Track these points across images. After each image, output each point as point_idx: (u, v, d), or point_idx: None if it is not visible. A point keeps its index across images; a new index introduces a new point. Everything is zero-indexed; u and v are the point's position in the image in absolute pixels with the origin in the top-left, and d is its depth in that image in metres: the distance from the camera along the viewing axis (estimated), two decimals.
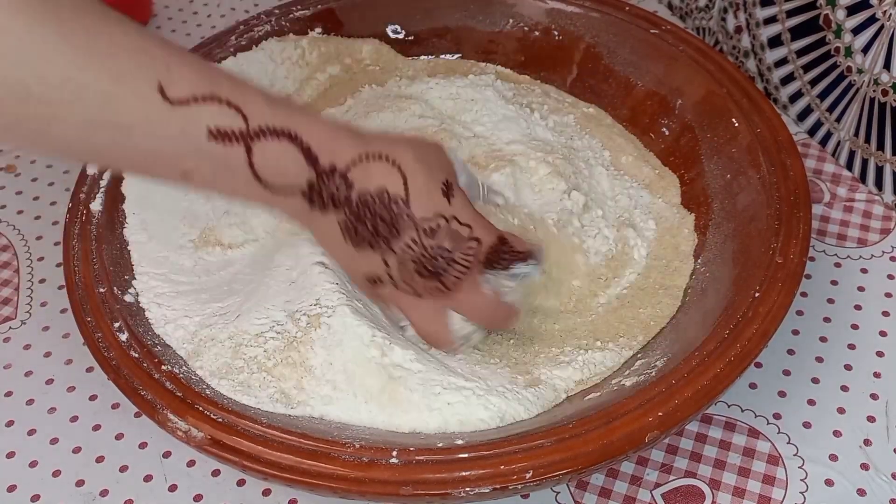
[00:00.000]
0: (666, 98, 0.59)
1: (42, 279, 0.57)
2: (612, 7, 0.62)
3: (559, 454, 0.39)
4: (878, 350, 0.51)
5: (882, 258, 0.56)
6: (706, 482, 0.46)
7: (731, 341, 0.42)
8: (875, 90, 0.56)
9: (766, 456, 0.46)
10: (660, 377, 0.42)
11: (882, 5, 0.54)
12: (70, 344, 0.53)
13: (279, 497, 0.46)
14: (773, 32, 0.63)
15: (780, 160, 0.51)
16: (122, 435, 0.49)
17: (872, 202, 0.59)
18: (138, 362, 0.43)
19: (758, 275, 0.45)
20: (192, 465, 0.47)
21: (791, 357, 0.51)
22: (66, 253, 0.49)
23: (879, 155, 0.58)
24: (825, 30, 0.59)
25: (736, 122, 0.54)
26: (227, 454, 0.40)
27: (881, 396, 0.49)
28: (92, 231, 0.50)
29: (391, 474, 0.39)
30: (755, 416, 0.48)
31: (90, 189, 0.52)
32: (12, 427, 0.49)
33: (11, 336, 0.54)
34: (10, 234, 0.60)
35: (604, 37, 0.62)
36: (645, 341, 0.47)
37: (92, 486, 0.47)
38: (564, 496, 0.45)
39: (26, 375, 0.52)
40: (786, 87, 0.64)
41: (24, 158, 0.65)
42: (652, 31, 0.60)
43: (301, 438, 0.40)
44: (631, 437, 0.39)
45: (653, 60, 0.59)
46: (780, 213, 0.48)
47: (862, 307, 0.53)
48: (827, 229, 0.57)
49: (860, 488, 0.45)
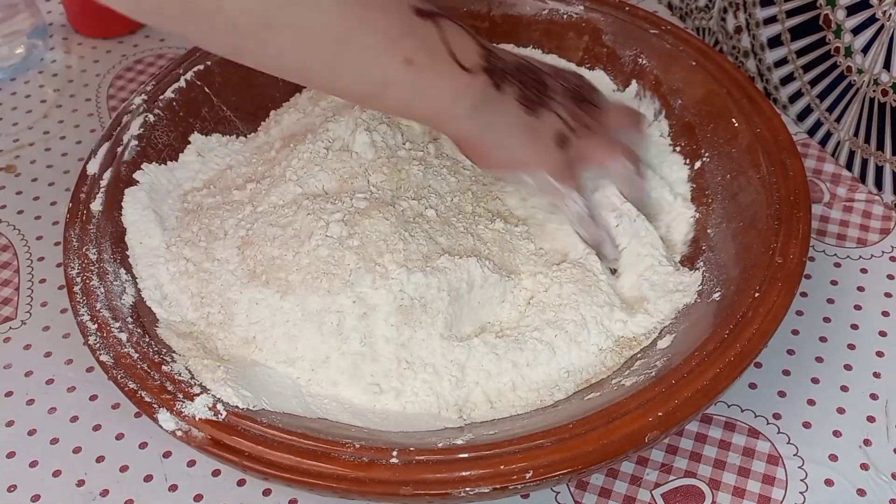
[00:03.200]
0: (666, 98, 0.59)
1: (42, 279, 0.57)
2: (611, 7, 0.62)
3: (559, 454, 0.39)
4: (878, 350, 0.51)
5: (882, 258, 0.56)
6: (706, 482, 0.46)
7: (731, 341, 0.43)
8: (875, 90, 0.56)
9: (766, 456, 0.47)
10: (660, 377, 0.42)
11: (882, 5, 0.54)
12: (70, 344, 0.53)
13: (279, 497, 0.46)
14: (772, 32, 0.63)
15: (779, 160, 0.51)
16: (123, 435, 0.49)
17: (872, 202, 0.59)
18: (138, 362, 0.43)
19: (757, 275, 0.45)
20: (193, 465, 0.47)
21: (791, 357, 0.51)
22: (66, 253, 0.49)
23: (879, 155, 0.58)
24: (825, 30, 0.59)
25: (736, 122, 0.54)
26: (227, 454, 0.40)
27: (881, 396, 0.49)
28: (92, 231, 0.50)
29: (391, 474, 0.39)
30: (755, 416, 0.48)
31: (90, 189, 0.52)
32: (12, 427, 0.49)
33: (11, 336, 0.54)
34: (10, 234, 0.60)
35: (604, 37, 0.62)
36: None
37: (92, 486, 0.47)
38: (564, 496, 0.46)
39: (26, 375, 0.52)
40: (785, 87, 0.64)
41: (24, 158, 0.65)
42: (652, 31, 0.60)
43: (301, 438, 0.40)
44: (631, 437, 0.39)
45: (653, 60, 0.60)
46: (779, 213, 0.48)
47: (862, 307, 0.53)
48: (827, 229, 0.57)
49: (860, 488, 0.45)
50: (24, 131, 0.68)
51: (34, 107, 0.70)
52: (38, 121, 0.68)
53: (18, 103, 0.70)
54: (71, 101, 0.70)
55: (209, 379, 0.43)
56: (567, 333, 0.47)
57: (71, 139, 0.67)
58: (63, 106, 0.70)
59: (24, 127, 0.68)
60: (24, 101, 0.70)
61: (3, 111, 0.69)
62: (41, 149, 0.66)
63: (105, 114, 0.69)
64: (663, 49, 0.59)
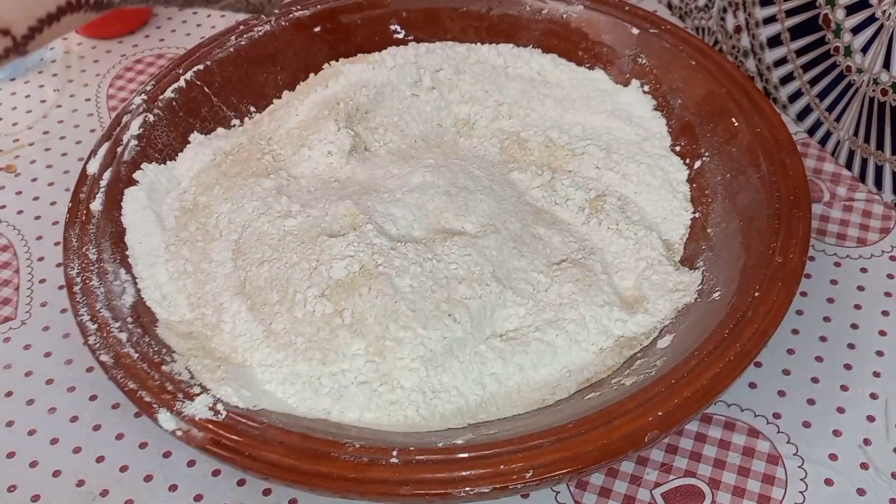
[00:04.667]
0: (666, 97, 0.59)
1: (42, 279, 0.57)
2: (611, 7, 0.62)
3: (559, 454, 0.39)
4: (878, 349, 0.51)
5: (882, 258, 0.56)
6: (706, 482, 0.46)
7: (731, 341, 0.43)
8: (874, 90, 0.56)
9: (766, 455, 0.47)
10: (660, 377, 0.42)
11: (881, 5, 0.54)
12: (70, 344, 0.53)
13: (279, 497, 0.46)
14: (772, 32, 0.63)
15: (779, 160, 0.51)
16: (123, 435, 0.49)
17: (872, 202, 0.59)
18: (138, 362, 0.43)
19: (757, 274, 0.45)
20: (193, 465, 0.47)
21: (791, 357, 0.51)
22: (66, 253, 0.49)
23: (879, 154, 0.58)
24: (825, 29, 0.59)
25: (735, 121, 0.54)
26: (227, 454, 0.40)
27: (881, 396, 0.49)
28: (92, 231, 0.50)
29: (391, 474, 0.39)
30: (755, 415, 0.48)
31: (90, 189, 0.52)
32: (12, 427, 0.49)
33: (11, 336, 0.54)
34: (10, 234, 0.60)
35: (603, 37, 0.62)
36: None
37: (92, 486, 0.47)
38: (564, 496, 0.46)
39: (26, 375, 0.52)
40: (785, 87, 0.64)
41: (24, 158, 0.65)
42: (652, 30, 0.60)
43: (301, 438, 0.40)
44: (631, 437, 0.39)
45: (652, 60, 0.60)
46: (779, 213, 0.48)
47: (862, 307, 0.53)
48: (827, 229, 0.57)
49: (860, 488, 0.45)
50: (24, 131, 0.68)
51: (34, 107, 0.70)
52: (38, 121, 0.68)
53: (18, 103, 0.70)
54: (71, 101, 0.70)
55: (209, 379, 0.43)
56: (567, 333, 0.47)
57: (71, 139, 0.67)
58: (63, 106, 0.70)
59: (24, 127, 0.68)
60: (24, 101, 0.70)
61: (3, 111, 0.69)
62: (41, 149, 0.66)
63: (105, 114, 0.69)
64: (663, 49, 0.59)
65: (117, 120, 0.56)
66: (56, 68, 0.73)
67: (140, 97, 0.57)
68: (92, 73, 0.72)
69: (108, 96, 0.70)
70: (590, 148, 0.57)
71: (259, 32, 0.62)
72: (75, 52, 0.74)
